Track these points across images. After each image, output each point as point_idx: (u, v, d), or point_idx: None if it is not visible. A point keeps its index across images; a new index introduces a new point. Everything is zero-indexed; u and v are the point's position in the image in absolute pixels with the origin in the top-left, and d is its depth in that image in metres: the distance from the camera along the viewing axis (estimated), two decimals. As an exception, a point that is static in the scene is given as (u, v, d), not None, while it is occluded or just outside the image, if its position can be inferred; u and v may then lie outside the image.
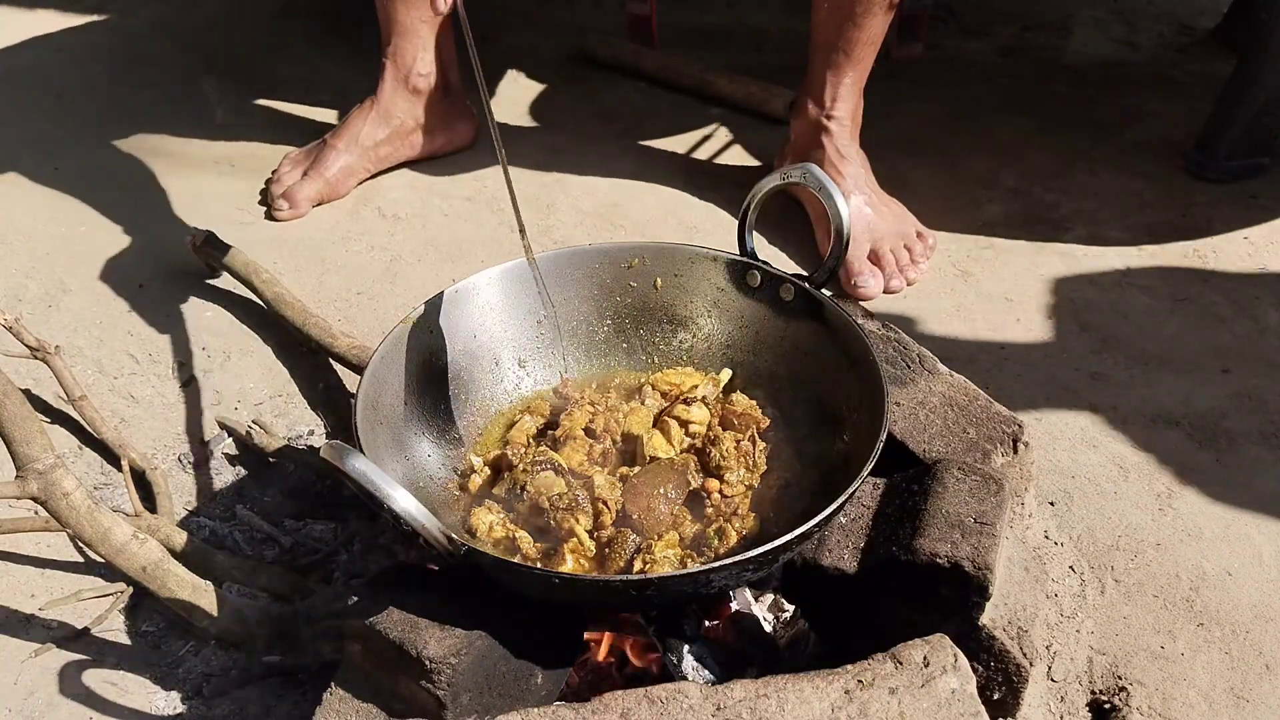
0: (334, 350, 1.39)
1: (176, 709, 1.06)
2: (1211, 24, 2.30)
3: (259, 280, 1.49)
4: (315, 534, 1.22)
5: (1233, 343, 1.48)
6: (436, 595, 0.89)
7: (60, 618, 1.14)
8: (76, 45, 2.33)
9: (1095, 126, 1.98)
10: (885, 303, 1.57)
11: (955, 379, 1.12)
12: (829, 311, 1.04)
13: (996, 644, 0.92)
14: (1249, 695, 1.04)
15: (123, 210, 1.78)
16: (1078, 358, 1.46)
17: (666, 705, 0.81)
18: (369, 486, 0.78)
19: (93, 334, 1.52)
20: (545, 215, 1.77)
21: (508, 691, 0.88)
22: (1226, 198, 1.77)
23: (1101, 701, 1.05)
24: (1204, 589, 1.14)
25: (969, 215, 1.76)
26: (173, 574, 1.03)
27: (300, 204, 1.76)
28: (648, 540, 0.95)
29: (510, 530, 0.97)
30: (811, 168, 1.03)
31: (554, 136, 1.98)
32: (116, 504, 1.26)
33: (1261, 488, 1.26)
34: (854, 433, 0.99)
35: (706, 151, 1.95)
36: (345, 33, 2.34)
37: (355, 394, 0.96)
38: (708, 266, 1.12)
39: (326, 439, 1.34)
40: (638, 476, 1.00)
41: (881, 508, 0.97)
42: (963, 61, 2.22)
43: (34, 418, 1.02)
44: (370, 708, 0.89)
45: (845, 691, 0.82)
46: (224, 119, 2.02)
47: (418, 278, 1.63)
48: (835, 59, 1.59)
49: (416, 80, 1.80)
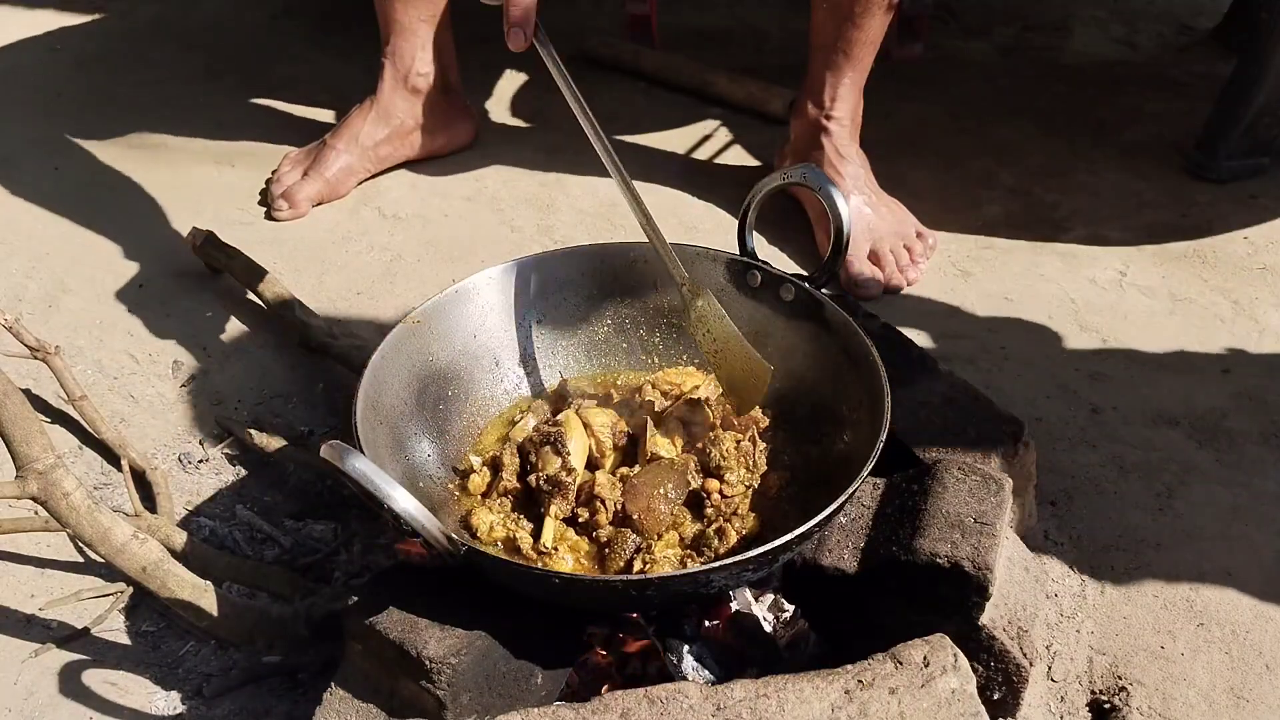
0: (334, 350, 1.39)
1: (176, 709, 1.06)
2: (1211, 24, 2.30)
3: (259, 280, 1.49)
4: (315, 534, 1.22)
5: (1233, 343, 1.48)
6: (436, 595, 0.89)
7: (60, 618, 1.14)
8: (76, 45, 2.33)
9: (1095, 126, 1.98)
10: (885, 303, 1.57)
11: (955, 379, 1.12)
12: (829, 311, 1.04)
13: (996, 644, 0.92)
14: (1249, 695, 1.04)
15: (123, 210, 1.78)
16: (1078, 358, 1.46)
17: (666, 705, 0.81)
18: (369, 486, 0.78)
19: (93, 334, 1.52)
20: (545, 215, 1.77)
21: (508, 691, 0.88)
22: (1226, 198, 1.77)
23: (1101, 701, 1.05)
24: (1204, 589, 1.14)
25: (969, 215, 1.76)
26: (173, 574, 1.03)
27: (300, 204, 1.76)
28: (648, 540, 0.96)
29: (511, 530, 0.97)
30: (811, 168, 1.03)
31: (554, 136, 1.98)
32: (116, 504, 1.26)
33: (1261, 488, 1.26)
34: (854, 433, 0.99)
35: (706, 151, 1.95)
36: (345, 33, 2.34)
37: (355, 394, 0.96)
38: (708, 266, 1.12)
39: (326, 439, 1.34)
40: (638, 476, 1.00)
41: (881, 508, 0.97)
42: (963, 61, 2.22)
43: (34, 418, 1.02)
44: (370, 708, 0.89)
45: (845, 691, 0.82)
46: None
47: (418, 278, 1.63)
48: (835, 59, 1.59)
49: (416, 80, 1.79)
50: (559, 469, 0.98)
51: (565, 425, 1.02)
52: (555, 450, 0.99)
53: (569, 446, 0.99)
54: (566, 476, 0.98)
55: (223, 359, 1.47)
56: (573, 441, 1.00)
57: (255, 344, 1.50)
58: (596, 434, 1.02)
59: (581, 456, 1.01)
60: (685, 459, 1.01)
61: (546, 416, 1.07)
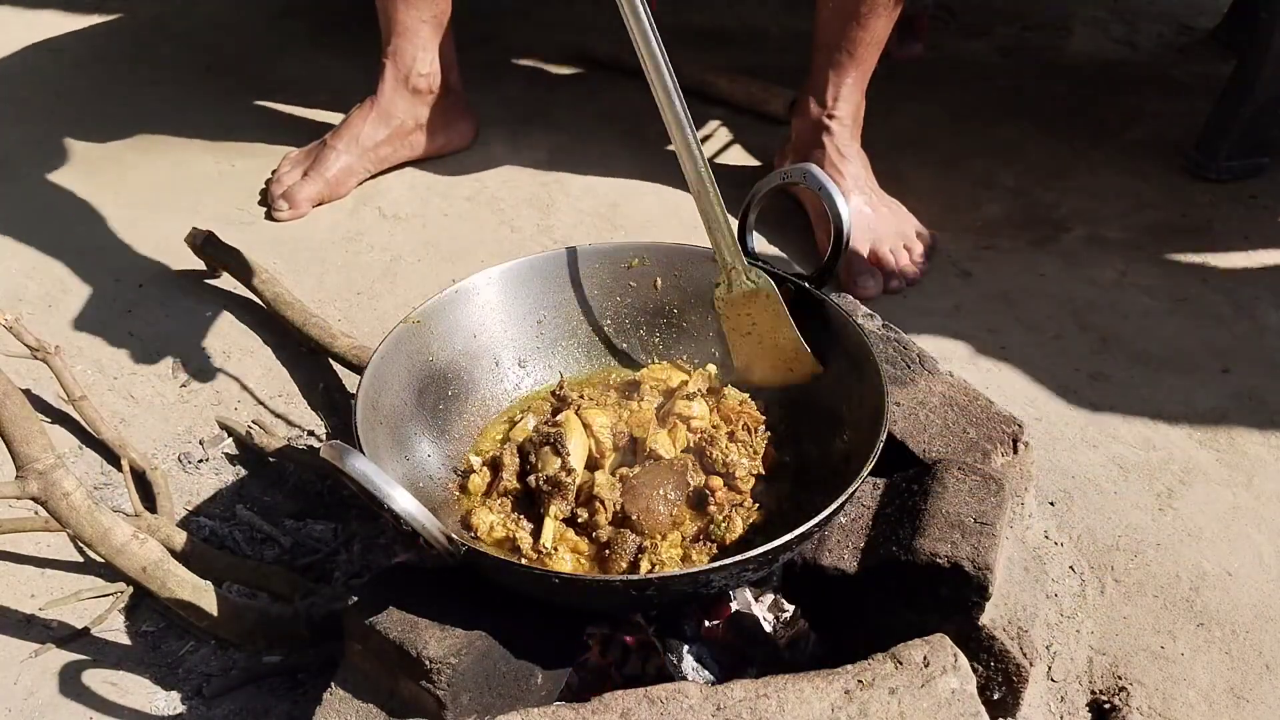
0: (334, 350, 1.39)
1: (176, 709, 1.06)
2: (1211, 24, 2.31)
3: (259, 280, 1.49)
4: (315, 534, 1.22)
5: (1233, 343, 1.48)
6: (436, 595, 0.89)
7: (60, 618, 1.14)
8: (76, 45, 2.33)
9: (1095, 126, 1.98)
10: (885, 303, 1.57)
11: (955, 379, 1.12)
12: (829, 311, 1.04)
13: (996, 644, 0.92)
14: (1249, 695, 1.04)
15: (123, 210, 1.78)
16: (1078, 358, 1.46)
17: (666, 705, 0.81)
18: (369, 486, 0.78)
19: (93, 334, 1.52)
20: (545, 215, 1.77)
21: (508, 691, 0.88)
22: (1226, 198, 1.77)
23: (1101, 701, 1.05)
24: (1204, 589, 1.14)
25: (969, 215, 1.76)
26: (173, 574, 1.03)
27: (300, 204, 1.76)
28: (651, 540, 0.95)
29: (511, 530, 0.97)
30: (811, 168, 1.03)
31: (554, 136, 1.98)
32: (116, 504, 1.26)
33: (1261, 488, 1.26)
34: (854, 433, 0.99)
35: (706, 151, 1.93)
36: (345, 33, 2.34)
37: (355, 394, 0.96)
38: (708, 266, 1.12)
39: (326, 439, 1.35)
40: (637, 477, 1.00)
41: (881, 508, 0.97)
42: (963, 61, 2.22)
43: (34, 418, 1.02)
44: (370, 708, 0.89)
45: (845, 691, 0.82)
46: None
47: (418, 278, 1.63)
48: (838, 59, 1.59)
49: (417, 80, 1.79)
50: (559, 469, 0.98)
51: (565, 426, 1.01)
52: (555, 450, 0.99)
53: (569, 447, 0.99)
54: (566, 477, 0.98)
55: (223, 359, 1.47)
56: (572, 442, 1.00)
57: (255, 344, 1.50)
58: (596, 434, 1.02)
59: (581, 457, 1.01)
60: (684, 458, 1.01)
61: (546, 417, 1.07)
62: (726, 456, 1.00)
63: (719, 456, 0.99)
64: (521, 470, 1.02)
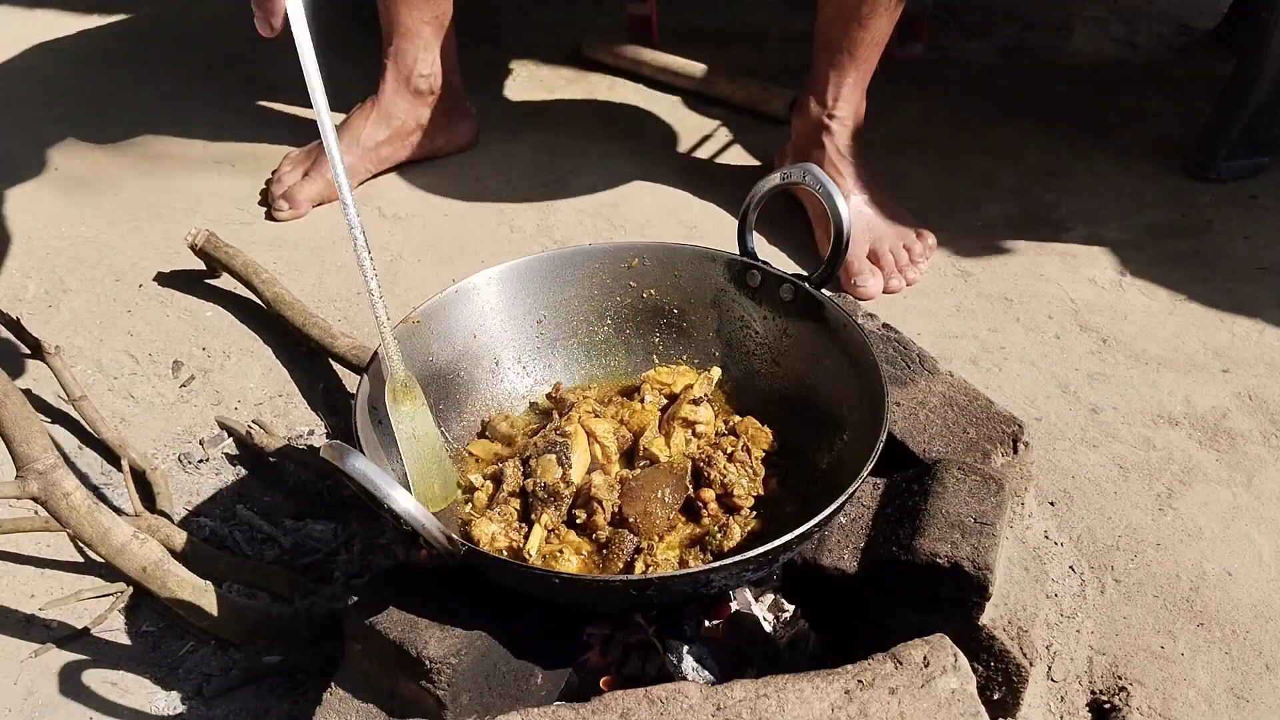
0: (334, 350, 1.39)
1: (176, 709, 1.06)
2: (1211, 24, 2.30)
3: (259, 280, 1.49)
4: (315, 534, 1.22)
5: (1232, 343, 1.48)
6: (436, 595, 0.89)
7: (60, 618, 1.14)
8: (76, 46, 2.33)
9: (1095, 126, 1.98)
10: (885, 303, 1.57)
11: (955, 379, 1.12)
12: (829, 311, 1.04)
13: (996, 644, 0.92)
14: (1249, 695, 1.04)
15: (123, 210, 1.78)
16: (1078, 358, 1.46)
17: (666, 705, 0.81)
18: (369, 486, 0.78)
19: (93, 334, 1.52)
20: (545, 215, 1.77)
21: (508, 691, 0.88)
22: (1226, 198, 1.77)
23: (1101, 701, 1.05)
24: (1204, 589, 1.14)
25: (969, 215, 1.76)
26: (173, 574, 1.03)
27: (300, 204, 1.76)
28: (648, 540, 0.95)
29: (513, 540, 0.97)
30: (811, 168, 1.02)
31: (554, 136, 1.98)
32: (116, 504, 1.26)
33: (1261, 488, 1.26)
34: (854, 433, 0.99)
35: (706, 151, 1.95)
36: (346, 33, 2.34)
37: (355, 394, 0.96)
38: (708, 266, 1.12)
39: (326, 439, 1.35)
40: (635, 479, 1.00)
41: (881, 508, 0.97)
42: (963, 61, 2.22)
43: (34, 418, 1.02)
44: (370, 708, 0.89)
45: (845, 691, 0.82)
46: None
47: (418, 278, 1.63)
48: (839, 59, 1.59)
49: (418, 81, 1.79)
50: (558, 479, 0.98)
51: (573, 438, 1.01)
52: (558, 460, 0.99)
53: (572, 459, 0.99)
54: (565, 489, 0.98)
55: (223, 359, 1.47)
56: (575, 454, 1.00)
57: (255, 344, 1.50)
58: (600, 440, 1.02)
59: (582, 470, 1.01)
60: (683, 463, 1.01)
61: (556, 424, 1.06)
62: (725, 476, 0.99)
63: (717, 477, 0.99)
64: (524, 477, 1.02)
